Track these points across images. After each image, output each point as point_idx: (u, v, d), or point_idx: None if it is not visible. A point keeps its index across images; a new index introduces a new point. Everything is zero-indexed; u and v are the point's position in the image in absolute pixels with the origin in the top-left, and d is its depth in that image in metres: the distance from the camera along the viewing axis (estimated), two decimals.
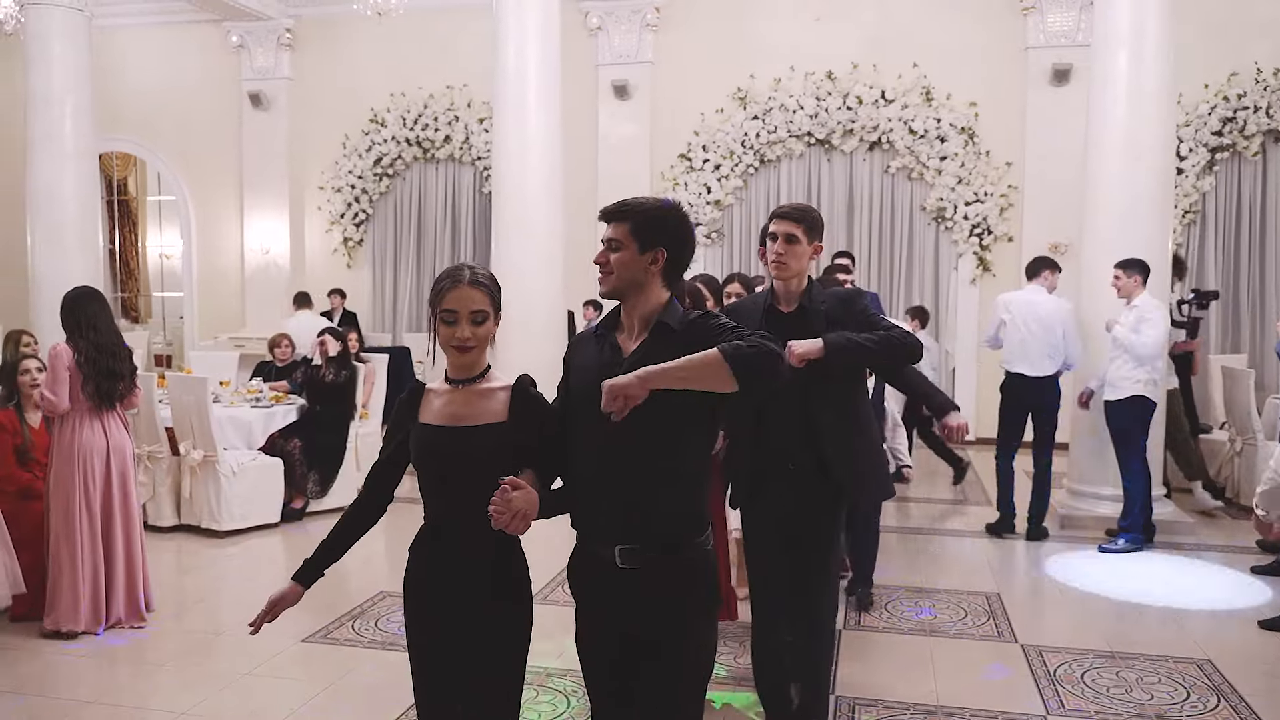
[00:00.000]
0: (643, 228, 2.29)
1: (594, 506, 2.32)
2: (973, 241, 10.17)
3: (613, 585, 2.30)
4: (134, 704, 4.06)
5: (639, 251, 2.28)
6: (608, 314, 2.42)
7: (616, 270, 2.30)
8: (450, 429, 2.31)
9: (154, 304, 14.68)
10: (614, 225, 2.31)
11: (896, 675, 4.33)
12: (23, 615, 4.83)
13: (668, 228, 2.31)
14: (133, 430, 5.22)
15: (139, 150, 12.92)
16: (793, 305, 3.37)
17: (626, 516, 2.27)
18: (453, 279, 2.28)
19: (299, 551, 6.30)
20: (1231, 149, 9.68)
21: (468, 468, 2.28)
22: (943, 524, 7.24)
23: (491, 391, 2.35)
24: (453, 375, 2.36)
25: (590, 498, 2.32)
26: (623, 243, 2.29)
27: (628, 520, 2.27)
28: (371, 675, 4.35)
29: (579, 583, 2.43)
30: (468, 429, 2.30)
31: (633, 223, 2.29)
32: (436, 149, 11.63)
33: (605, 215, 2.35)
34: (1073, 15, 9.80)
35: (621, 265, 2.30)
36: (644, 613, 2.28)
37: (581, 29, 10.78)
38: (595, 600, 2.39)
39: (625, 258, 2.29)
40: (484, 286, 2.29)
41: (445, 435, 2.31)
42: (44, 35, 9.05)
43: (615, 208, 2.34)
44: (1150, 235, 6.75)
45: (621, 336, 2.35)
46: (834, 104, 10.29)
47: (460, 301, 2.26)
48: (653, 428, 2.22)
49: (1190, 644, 4.72)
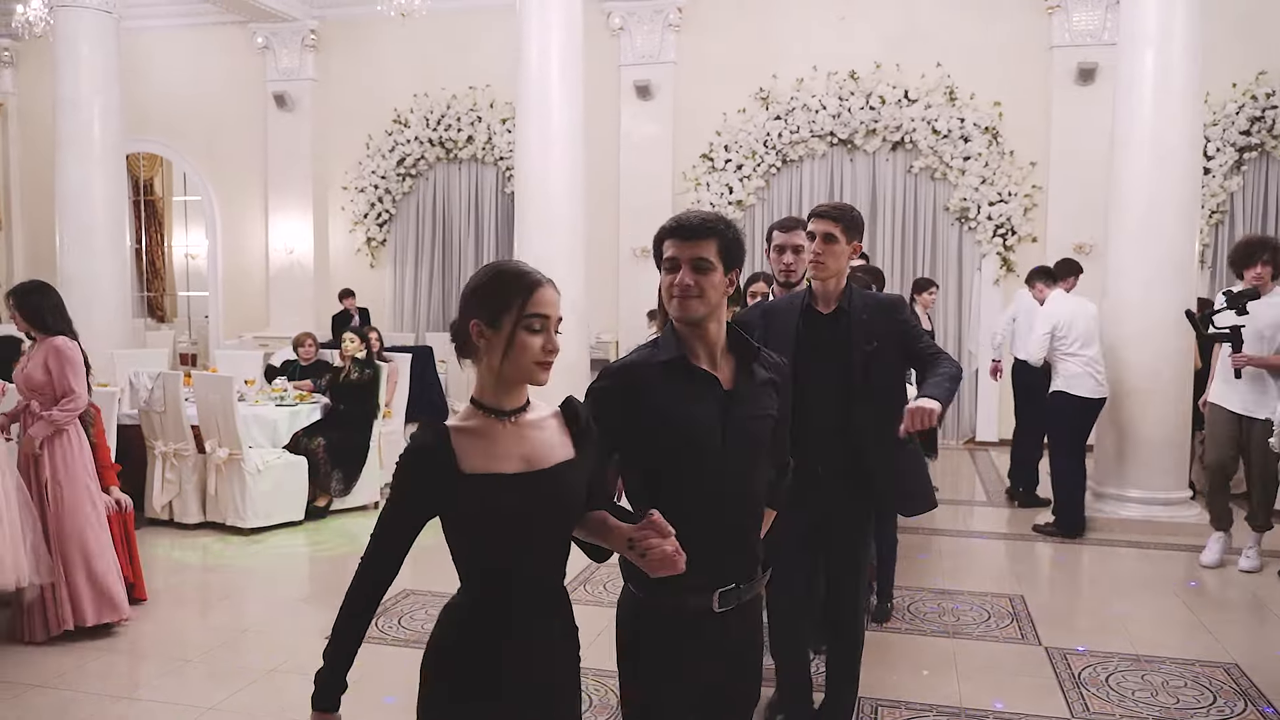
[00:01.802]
0: (729, 247, 2.17)
1: (696, 549, 1.96)
2: (996, 242, 10.11)
3: (700, 633, 2.17)
4: (163, 699, 4.10)
5: (724, 273, 2.16)
6: (665, 340, 2.23)
7: (708, 293, 2.14)
8: (534, 474, 1.89)
9: (179, 303, 14.82)
10: (700, 243, 2.14)
11: (919, 677, 4.33)
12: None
13: (741, 248, 2.20)
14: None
15: (165, 151, 13.06)
16: (831, 306, 3.31)
17: (728, 557, 2.19)
18: (534, 279, 1.93)
19: (323, 549, 6.40)
20: (1260, 149, 9.58)
21: (557, 517, 1.95)
22: (966, 526, 7.21)
23: (541, 420, 1.97)
24: (508, 404, 1.92)
25: (694, 540, 1.96)
26: (712, 263, 2.14)
27: (728, 562, 2.19)
28: (396, 672, 4.38)
29: (657, 636, 2.19)
30: (548, 472, 1.91)
31: (720, 241, 2.15)
32: (459, 149, 11.68)
33: (687, 233, 2.15)
34: (1098, 14, 9.72)
35: (713, 288, 2.14)
36: (734, 657, 2.25)
37: (604, 29, 10.79)
38: (685, 653, 2.19)
39: (715, 279, 2.14)
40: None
41: (531, 483, 1.88)
42: (73, 37, 9.17)
43: (699, 224, 2.15)
44: (1176, 236, 6.70)
45: (701, 364, 2.20)
46: (857, 104, 10.26)
47: (549, 304, 1.91)
48: (761, 462, 2.24)
49: (1217, 648, 4.68)
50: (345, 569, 2.27)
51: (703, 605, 2.15)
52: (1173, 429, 6.76)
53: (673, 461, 2.15)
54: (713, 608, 2.15)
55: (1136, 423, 6.77)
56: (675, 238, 2.17)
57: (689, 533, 1.94)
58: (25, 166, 13.11)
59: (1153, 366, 6.72)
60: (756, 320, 3.38)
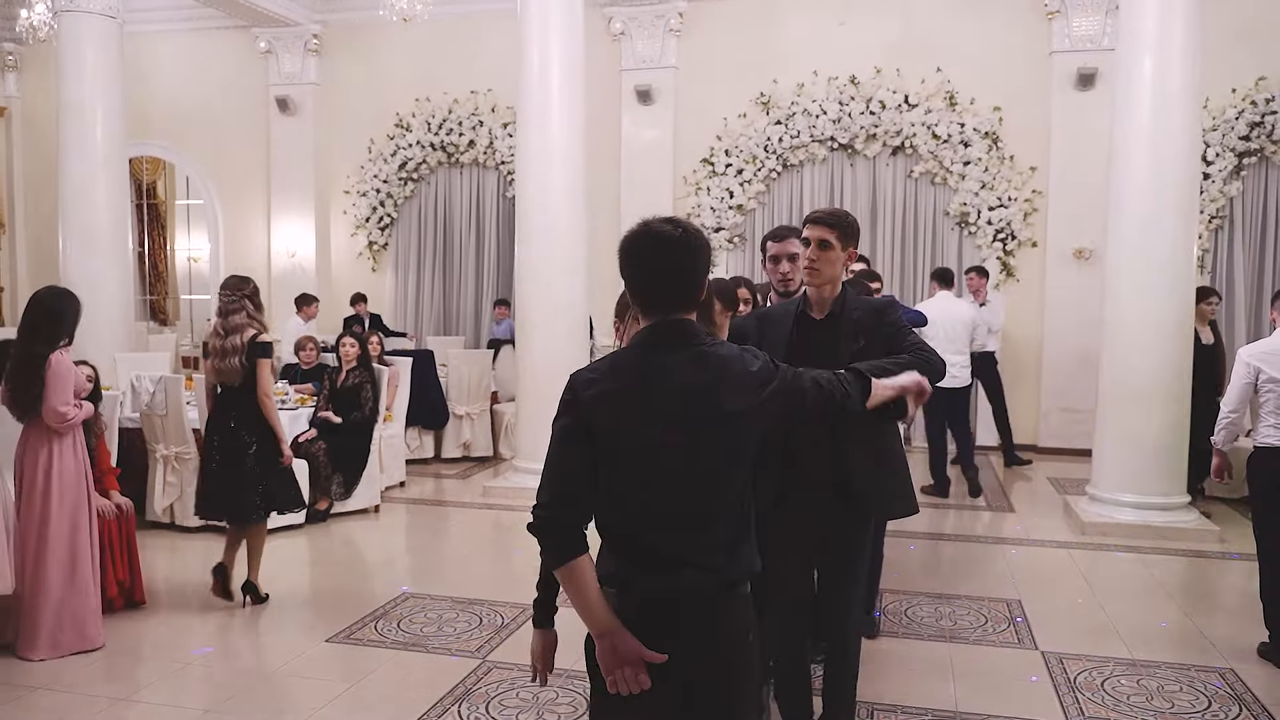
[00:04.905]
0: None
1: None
2: (996, 246, 10.13)
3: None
4: (163, 701, 4.13)
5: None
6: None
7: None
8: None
9: (182, 306, 14.85)
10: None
11: (916, 681, 4.34)
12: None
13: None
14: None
15: (168, 155, 13.09)
16: (825, 312, 3.31)
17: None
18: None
19: (323, 552, 6.42)
20: (1259, 154, 9.59)
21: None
22: (963, 530, 7.22)
23: None
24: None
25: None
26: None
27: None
28: (394, 675, 4.40)
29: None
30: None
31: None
32: (461, 153, 11.71)
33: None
34: (1098, 19, 9.74)
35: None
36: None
37: (605, 34, 10.82)
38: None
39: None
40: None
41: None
42: (76, 42, 9.20)
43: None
44: (1175, 240, 6.72)
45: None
46: (857, 109, 10.28)
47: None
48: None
49: (1212, 653, 4.69)
50: (345, 572, 2.31)
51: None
52: (1171, 433, 6.78)
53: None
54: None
55: (1134, 427, 6.78)
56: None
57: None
58: (28, 170, 13.15)
59: (1151, 371, 6.73)
60: (752, 327, 3.40)
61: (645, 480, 2.10)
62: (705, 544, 2.11)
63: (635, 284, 2.18)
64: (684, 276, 2.15)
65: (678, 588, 2.09)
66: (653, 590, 2.09)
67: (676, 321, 2.14)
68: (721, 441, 2.10)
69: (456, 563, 6.44)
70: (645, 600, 2.09)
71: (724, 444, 2.10)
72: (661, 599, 2.09)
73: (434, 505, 7.98)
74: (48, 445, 4.62)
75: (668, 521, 2.10)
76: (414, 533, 7.30)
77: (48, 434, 4.62)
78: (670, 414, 2.08)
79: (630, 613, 2.09)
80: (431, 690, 4.21)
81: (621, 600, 2.10)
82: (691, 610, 2.10)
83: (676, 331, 2.13)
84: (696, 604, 2.10)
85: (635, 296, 2.18)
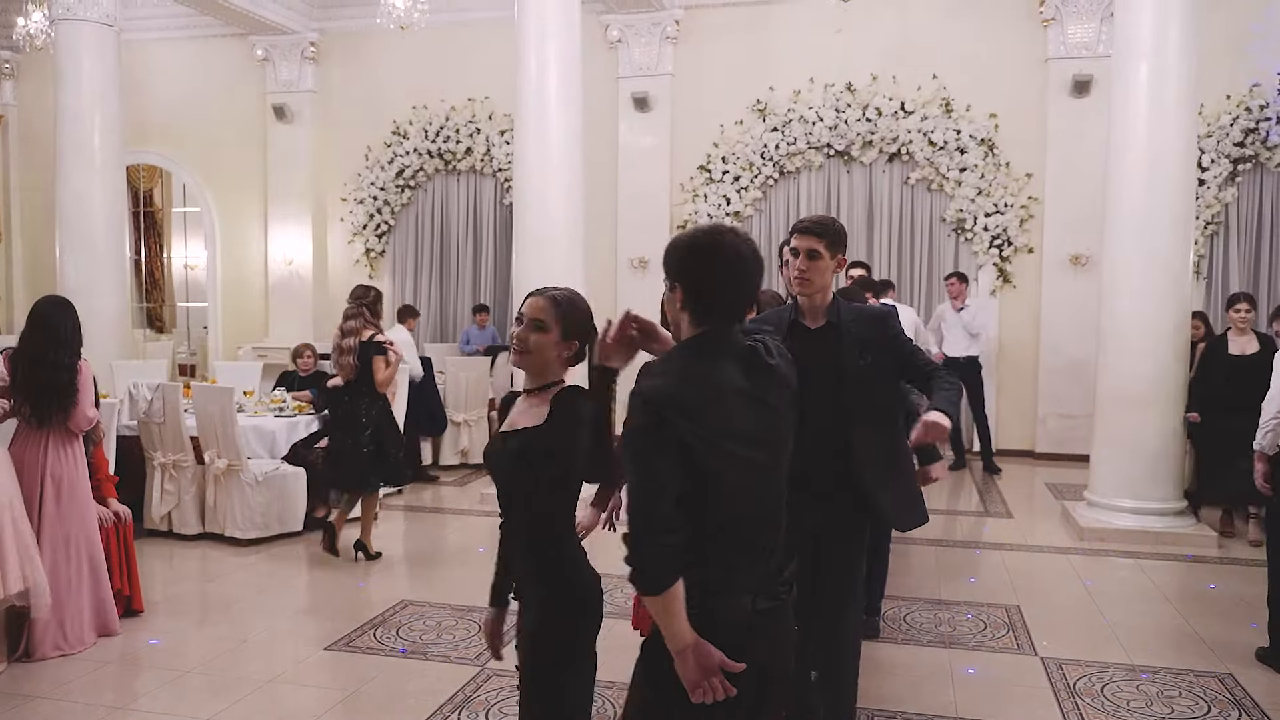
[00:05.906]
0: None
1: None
2: (993, 253, 10.15)
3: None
4: (160, 710, 4.11)
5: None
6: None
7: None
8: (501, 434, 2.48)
9: (179, 314, 14.84)
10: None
11: (915, 687, 4.34)
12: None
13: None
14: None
15: (165, 162, 13.09)
16: (819, 321, 3.30)
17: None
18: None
19: (321, 560, 6.40)
20: (1254, 160, 9.62)
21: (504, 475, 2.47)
22: (961, 536, 7.22)
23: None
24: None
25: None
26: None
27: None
28: (393, 683, 4.39)
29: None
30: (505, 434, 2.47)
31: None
32: (458, 161, 11.72)
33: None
34: (1093, 26, 9.78)
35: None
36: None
37: (602, 42, 10.85)
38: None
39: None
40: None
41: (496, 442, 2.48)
42: (74, 50, 9.21)
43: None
44: (1171, 246, 6.75)
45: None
46: (853, 116, 10.30)
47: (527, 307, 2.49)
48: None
49: (1211, 658, 4.70)
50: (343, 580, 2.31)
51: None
52: (1168, 439, 6.79)
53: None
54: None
55: (1132, 432, 6.80)
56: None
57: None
58: (25, 178, 13.14)
59: (1148, 376, 6.75)
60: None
61: (734, 495, 2.07)
62: (770, 568, 2.19)
63: (704, 289, 2.11)
64: (754, 289, 2.17)
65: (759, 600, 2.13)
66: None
67: (733, 331, 2.15)
68: (788, 452, 2.23)
69: (455, 570, 6.43)
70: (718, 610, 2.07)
71: (787, 454, 2.22)
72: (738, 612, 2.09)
73: (432, 512, 7.98)
74: (49, 447, 4.70)
75: (750, 536, 2.12)
76: (412, 540, 7.28)
77: (49, 436, 4.69)
78: (751, 430, 2.10)
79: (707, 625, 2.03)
80: (431, 697, 4.20)
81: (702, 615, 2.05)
82: (762, 619, 2.12)
83: (736, 341, 2.14)
84: (765, 614, 2.13)
85: (698, 300, 2.12)
